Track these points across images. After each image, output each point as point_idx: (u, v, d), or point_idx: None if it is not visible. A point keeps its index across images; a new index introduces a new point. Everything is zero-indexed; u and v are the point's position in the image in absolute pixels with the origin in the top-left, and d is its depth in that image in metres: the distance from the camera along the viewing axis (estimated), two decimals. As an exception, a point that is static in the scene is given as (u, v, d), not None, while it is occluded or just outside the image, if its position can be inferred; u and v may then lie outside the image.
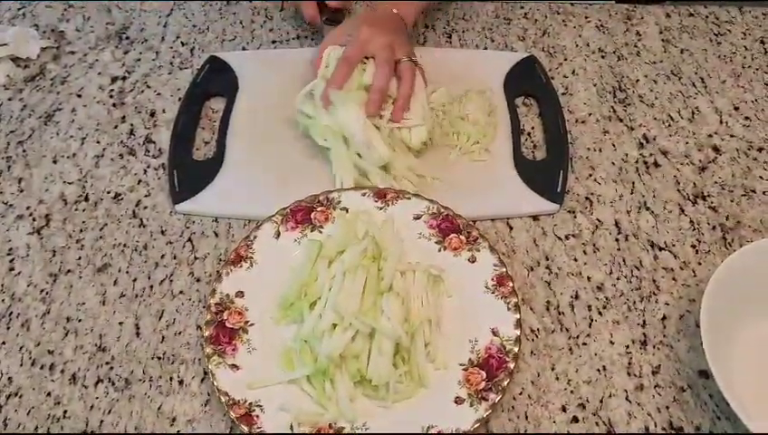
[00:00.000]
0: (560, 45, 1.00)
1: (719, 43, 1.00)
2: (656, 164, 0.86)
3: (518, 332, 0.69)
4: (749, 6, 1.06)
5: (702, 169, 0.86)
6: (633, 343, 0.72)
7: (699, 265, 0.77)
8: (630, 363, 0.70)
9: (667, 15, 1.04)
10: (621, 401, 0.68)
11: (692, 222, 0.81)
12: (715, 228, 0.80)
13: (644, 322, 0.73)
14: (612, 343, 0.72)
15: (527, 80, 0.94)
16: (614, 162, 0.86)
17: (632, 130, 0.90)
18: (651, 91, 0.94)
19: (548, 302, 0.75)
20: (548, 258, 0.78)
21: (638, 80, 0.96)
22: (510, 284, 0.72)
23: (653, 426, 0.67)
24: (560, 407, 0.68)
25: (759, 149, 0.88)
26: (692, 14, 1.04)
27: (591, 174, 0.85)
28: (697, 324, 0.67)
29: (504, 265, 0.74)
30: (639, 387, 0.69)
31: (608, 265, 0.77)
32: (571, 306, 0.74)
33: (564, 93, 0.94)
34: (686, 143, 0.89)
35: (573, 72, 0.96)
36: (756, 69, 0.97)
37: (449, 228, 0.77)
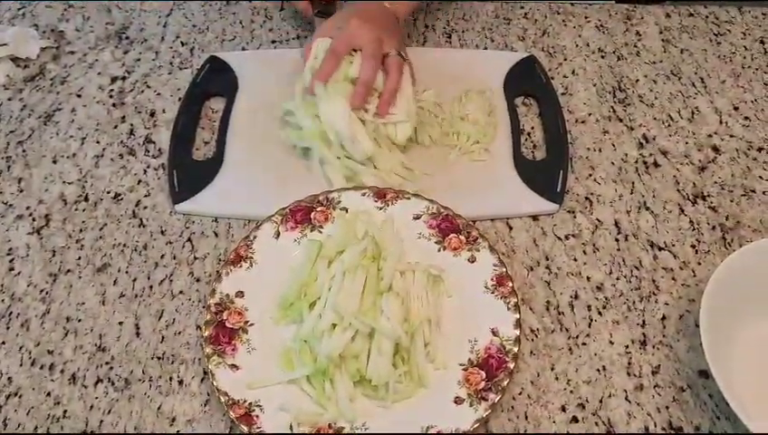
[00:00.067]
0: (559, 45, 1.00)
1: (719, 43, 1.00)
2: (655, 164, 0.86)
3: (518, 332, 0.69)
4: (749, 6, 1.06)
5: (702, 168, 0.86)
6: (633, 342, 0.72)
7: (699, 265, 0.77)
8: (630, 363, 0.70)
9: (667, 15, 1.04)
10: (621, 400, 0.68)
11: (692, 222, 0.81)
12: (714, 228, 0.80)
13: (644, 322, 0.73)
14: (612, 342, 0.72)
15: (527, 80, 0.94)
16: (614, 162, 0.86)
17: (632, 130, 0.90)
18: (651, 91, 0.94)
19: (548, 302, 0.75)
20: (548, 258, 0.78)
21: (637, 80, 0.95)
22: (510, 284, 0.72)
23: (653, 426, 0.67)
24: (559, 407, 0.68)
25: (759, 149, 0.88)
26: (692, 14, 1.04)
27: (591, 174, 0.85)
28: (697, 324, 0.67)
29: (504, 265, 0.74)
30: (639, 387, 0.69)
31: (607, 265, 0.77)
32: (571, 306, 0.74)
33: (564, 93, 0.94)
34: (685, 143, 0.88)
35: (573, 72, 0.96)
36: (756, 69, 0.97)
37: (449, 228, 0.77)
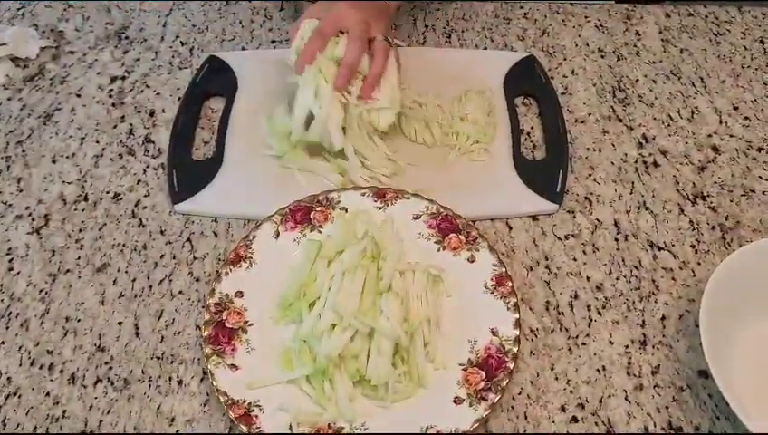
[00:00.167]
0: (559, 45, 1.00)
1: (719, 43, 1.00)
2: (655, 164, 0.86)
3: (517, 332, 0.69)
4: (749, 6, 1.06)
5: (701, 168, 0.86)
6: (632, 342, 0.72)
7: (699, 264, 0.77)
8: (630, 363, 0.70)
9: (667, 15, 1.04)
10: (621, 400, 0.68)
11: (691, 222, 0.81)
12: (714, 228, 0.80)
13: (643, 322, 0.73)
14: (612, 342, 0.72)
15: (527, 80, 0.94)
16: (613, 162, 0.86)
17: (632, 129, 0.90)
18: (651, 90, 0.94)
19: (547, 302, 0.75)
20: (547, 258, 0.78)
21: (637, 80, 0.95)
22: (509, 283, 0.72)
23: (652, 426, 0.67)
24: (559, 407, 0.68)
25: (758, 148, 0.88)
26: (691, 13, 1.04)
27: (591, 174, 0.85)
28: (697, 324, 0.67)
29: (504, 264, 0.73)
30: (639, 387, 0.69)
31: (607, 265, 0.77)
32: (571, 306, 0.74)
33: (564, 93, 0.94)
34: (685, 143, 0.88)
35: (573, 72, 0.96)
36: (756, 69, 0.97)
37: (449, 228, 0.77)
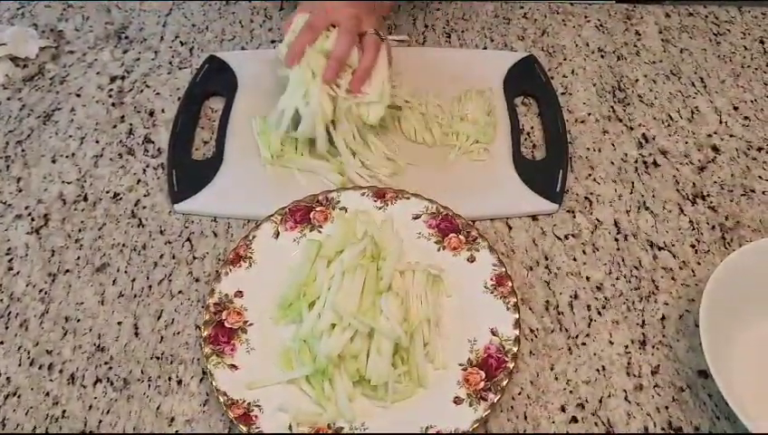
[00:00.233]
0: (559, 45, 1.00)
1: (718, 43, 1.00)
2: (655, 164, 0.86)
3: (517, 332, 0.69)
4: (749, 6, 1.06)
5: (701, 168, 0.86)
6: (632, 342, 0.72)
7: (698, 264, 0.77)
8: (630, 363, 0.70)
9: (667, 15, 1.04)
10: (620, 401, 0.68)
11: (691, 222, 0.81)
12: (714, 228, 0.80)
13: (643, 322, 0.73)
14: (611, 342, 0.72)
15: (527, 79, 0.94)
16: (613, 162, 0.86)
17: (631, 129, 0.90)
18: (651, 90, 0.94)
19: (547, 302, 0.75)
20: (547, 258, 0.78)
21: (637, 79, 0.95)
22: (509, 283, 0.72)
23: (652, 426, 0.67)
24: (559, 407, 0.68)
25: (758, 148, 0.88)
26: (691, 13, 1.04)
27: (591, 174, 0.85)
28: (696, 324, 0.67)
29: (504, 264, 0.73)
30: (639, 387, 0.69)
31: (607, 265, 0.77)
32: (571, 306, 0.74)
33: (564, 93, 0.94)
34: (685, 143, 0.88)
35: (573, 72, 0.96)
36: (756, 69, 0.97)
37: (448, 228, 0.77)
